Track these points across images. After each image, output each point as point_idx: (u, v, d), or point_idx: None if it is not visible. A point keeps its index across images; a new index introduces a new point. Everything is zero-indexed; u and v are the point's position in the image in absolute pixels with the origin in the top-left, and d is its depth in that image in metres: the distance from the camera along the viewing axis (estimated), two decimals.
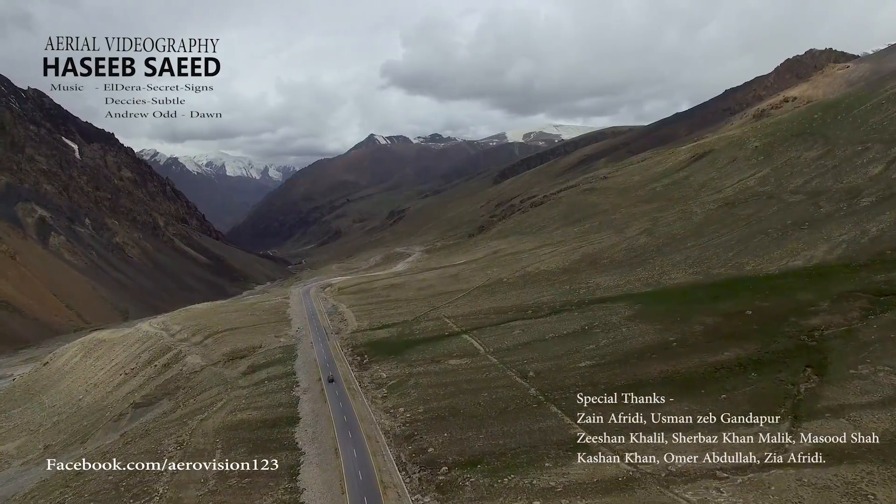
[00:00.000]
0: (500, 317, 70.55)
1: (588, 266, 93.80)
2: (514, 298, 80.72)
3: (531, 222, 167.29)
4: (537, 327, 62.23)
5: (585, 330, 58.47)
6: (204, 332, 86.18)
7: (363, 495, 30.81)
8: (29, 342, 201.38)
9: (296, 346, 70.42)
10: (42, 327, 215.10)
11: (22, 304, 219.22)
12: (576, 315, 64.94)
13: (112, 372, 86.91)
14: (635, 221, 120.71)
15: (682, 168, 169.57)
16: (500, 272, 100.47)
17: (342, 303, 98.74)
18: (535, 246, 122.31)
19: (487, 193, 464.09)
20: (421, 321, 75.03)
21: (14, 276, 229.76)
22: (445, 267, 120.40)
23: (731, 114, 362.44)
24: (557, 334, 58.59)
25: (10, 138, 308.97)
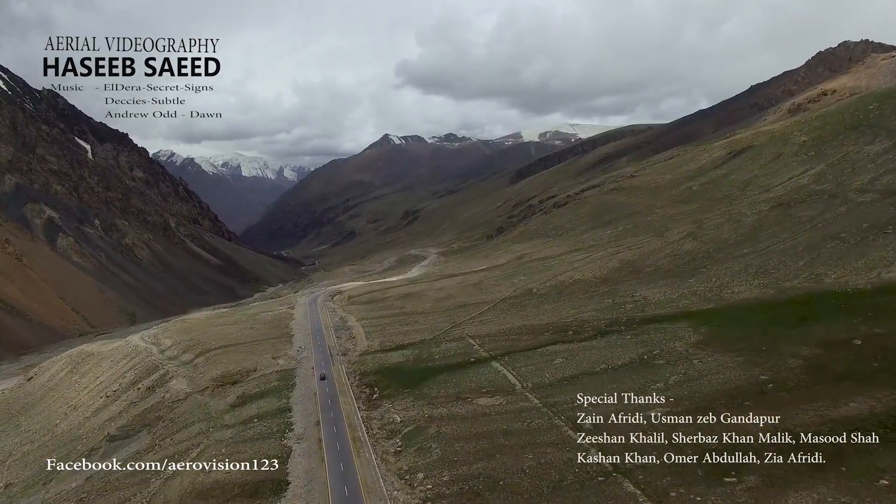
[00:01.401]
0: (534, 339, 59.74)
1: (629, 275, 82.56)
2: (549, 314, 69.82)
3: (556, 224, 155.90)
4: (583, 355, 51.33)
5: (645, 360, 47.49)
6: (196, 349, 76.63)
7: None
8: (32, 348, 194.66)
9: (295, 372, 60.31)
10: (46, 332, 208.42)
11: (27, 307, 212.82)
12: (628, 339, 53.91)
13: (95, 392, 77.76)
14: (675, 224, 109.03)
15: (718, 166, 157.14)
16: (527, 281, 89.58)
17: (351, 315, 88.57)
18: (565, 251, 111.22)
19: (504, 193, 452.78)
20: (441, 341, 64.47)
21: (20, 279, 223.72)
22: (465, 274, 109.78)
23: (759, 109, 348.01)
24: (610, 365, 47.65)
25: (21, 138, 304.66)
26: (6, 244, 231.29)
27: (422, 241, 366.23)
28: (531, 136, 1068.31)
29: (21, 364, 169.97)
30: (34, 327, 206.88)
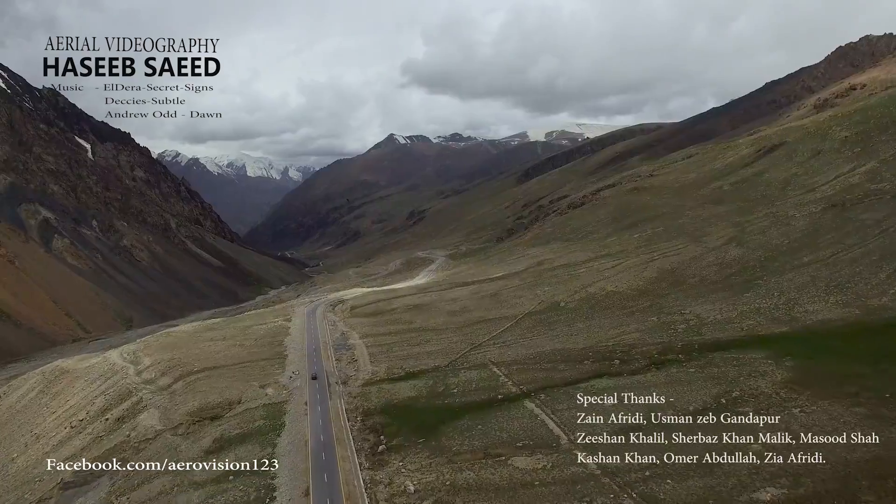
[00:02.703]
0: (572, 368, 49.55)
1: (672, 286, 72.24)
2: (584, 335, 59.62)
3: (574, 226, 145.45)
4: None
5: (724, 405, 37.26)
6: (176, 371, 66.89)
7: None
8: (21, 355, 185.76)
9: (285, 407, 50.34)
10: (37, 338, 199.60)
11: (17, 312, 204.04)
12: (692, 372, 43.65)
13: (61, 420, 68.12)
14: (712, 227, 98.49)
15: (748, 164, 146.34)
16: (553, 293, 79.39)
17: (354, 330, 78.58)
18: (590, 257, 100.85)
19: (512, 193, 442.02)
20: (459, 369, 54.37)
21: (11, 282, 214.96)
22: (480, 282, 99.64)
23: (777, 106, 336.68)
24: (680, 412, 37.37)
25: (18, 137, 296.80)
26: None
27: (428, 242, 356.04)
28: (537, 136, 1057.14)
29: (7, 373, 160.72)
30: (24, 333, 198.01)
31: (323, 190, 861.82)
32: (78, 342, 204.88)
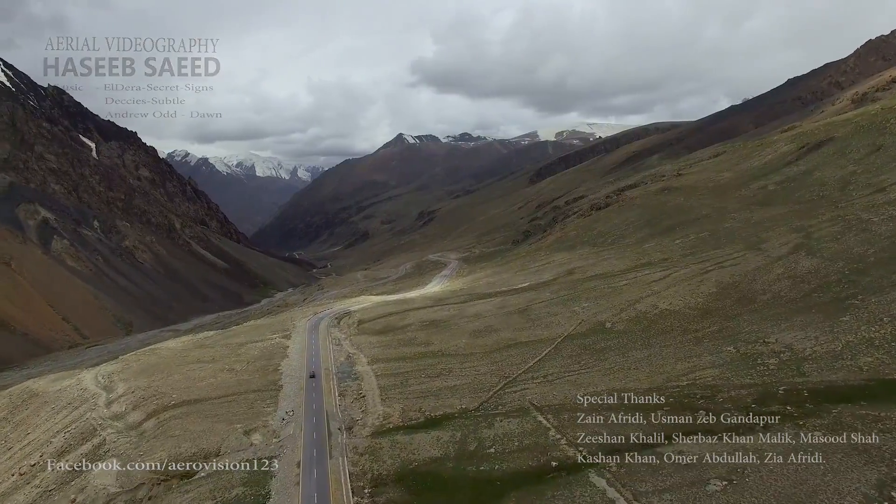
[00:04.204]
0: (643, 420, 38.08)
1: (739, 305, 60.51)
2: (646, 369, 48.15)
3: (601, 230, 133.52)
4: (757, 475, 29.48)
5: None
6: (150, 404, 56.13)
7: None
8: (14, 363, 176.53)
9: (272, 467, 39.26)
10: (32, 344, 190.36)
11: (12, 317, 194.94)
12: (822, 439, 31.93)
13: (14, 460, 57.55)
14: (769, 232, 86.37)
15: (791, 162, 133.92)
16: (594, 310, 67.90)
17: (362, 352, 67.46)
18: (629, 266, 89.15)
19: (524, 194, 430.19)
20: (493, 415, 43.04)
21: (6, 286, 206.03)
22: (504, 294, 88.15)
23: (804, 103, 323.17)
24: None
25: (20, 136, 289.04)
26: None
27: (439, 243, 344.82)
28: (548, 136, 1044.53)
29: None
30: (17, 339, 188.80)
31: (331, 190, 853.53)
32: (74, 349, 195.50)
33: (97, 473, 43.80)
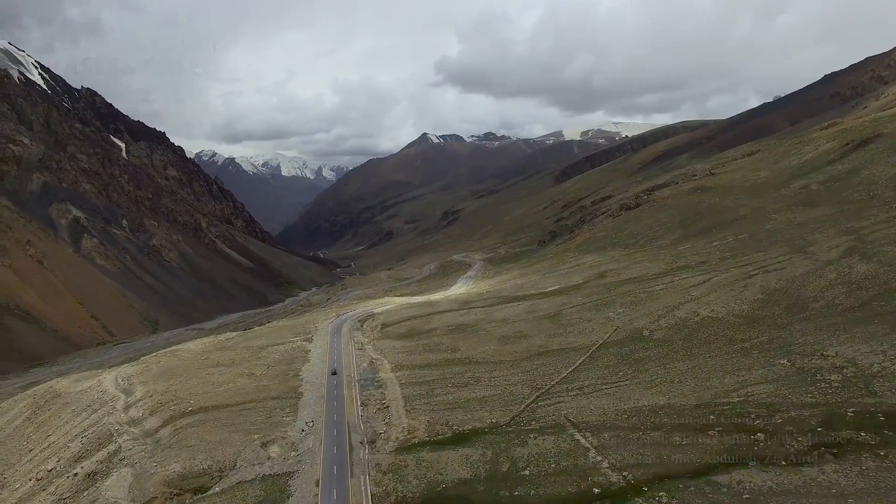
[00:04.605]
0: (693, 443, 34.47)
1: (789, 313, 56.14)
2: (691, 383, 44.38)
3: (632, 230, 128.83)
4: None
5: None
6: (167, 410, 54.48)
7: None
8: (44, 359, 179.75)
9: (289, 485, 36.85)
10: (61, 341, 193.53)
11: (43, 314, 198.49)
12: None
13: (33, 463, 56.66)
14: (816, 234, 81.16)
15: (834, 160, 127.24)
16: (629, 316, 64.14)
17: (385, 358, 64.91)
18: (664, 269, 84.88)
19: (550, 193, 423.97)
20: (526, 431, 39.86)
21: (39, 284, 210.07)
22: (533, 297, 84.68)
23: (843, 99, 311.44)
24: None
25: (54, 136, 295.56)
26: (28, 246, 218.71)
27: (463, 244, 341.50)
28: (573, 135, 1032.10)
29: (28, 378, 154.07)
30: (48, 336, 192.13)
31: (356, 189, 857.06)
32: (102, 346, 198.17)
33: (110, 485, 41.98)
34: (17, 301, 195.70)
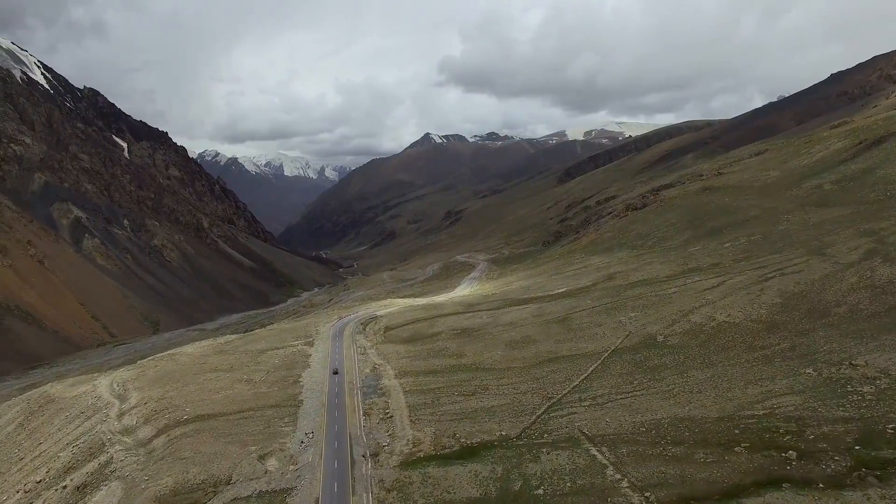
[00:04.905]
0: (719, 460, 32.17)
1: (811, 318, 53.73)
2: (712, 393, 42.02)
3: (640, 231, 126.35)
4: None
5: None
6: (162, 418, 52.36)
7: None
8: (44, 360, 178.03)
9: (287, 500, 34.56)
10: (62, 342, 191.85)
11: (44, 314, 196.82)
12: None
13: (22, 474, 54.54)
14: (832, 236, 78.66)
15: (846, 159, 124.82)
16: (642, 320, 61.79)
17: (388, 363, 62.68)
18: (675, 271, 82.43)
19: (553, 194, 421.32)
20: (538, 445, 37.56)
21: (39, 284, 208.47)
22: (540, 300, 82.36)
23: (851, 98, 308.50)
24: None
25: (56, 136, 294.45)
26: (28, 246, 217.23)
27: (466, 244, 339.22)
28: (576, 135, 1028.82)
29: (27, 380, 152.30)
30: (49, 337, 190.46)
31: (358, 189, 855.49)
32: (103, 347, 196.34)
33: (98, 500, 39.85)
34: (17, 301, 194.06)
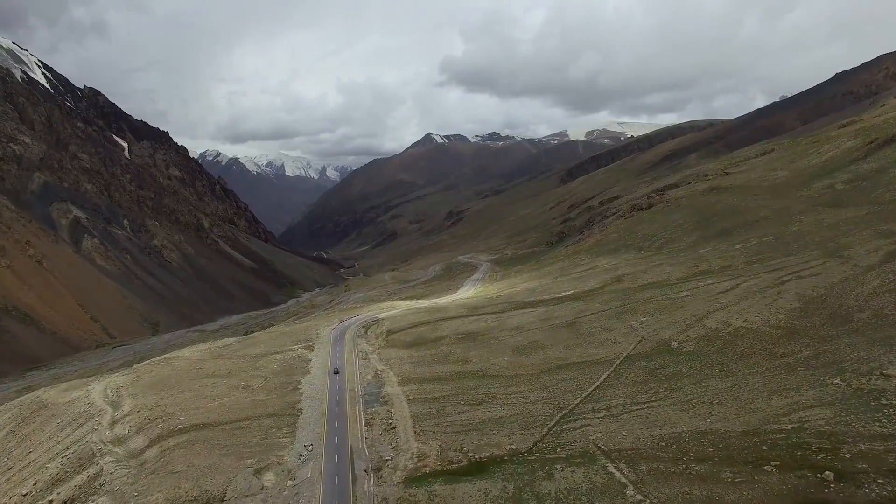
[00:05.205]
0: (747, 480, 29.96)
1: (833, 324, 51.44)
2: (734, 405, 39.74)
3: (646, 232, 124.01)
4: None
5: None
6: (155, 427, 50.23)
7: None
8: (42, 362, 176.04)
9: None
10: (60, 344, 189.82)
11: (42, 316, 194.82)
12: None
13: (10, 484, 52.54)
14: (849, 237, 76.32)
15: (858, 159, 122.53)
16: (654, 325, 59.52)
17: (391, 369, 60.45)
18: (686, 273, 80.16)
19: (555, 194, 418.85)
20: (551, 461, 35.33)
21: (38, 284, 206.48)
22: (547, 303, 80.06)
23: (856, 98, 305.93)
24: None
25: (55, 136, 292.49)
26: (27, 246, 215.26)
27: (468, 244, 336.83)
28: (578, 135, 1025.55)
29: (24, 382, 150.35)
30: (47, 338, 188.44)
31: (360, 189, 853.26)
32: (102, 348, 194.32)
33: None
34: (15, 302, 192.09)
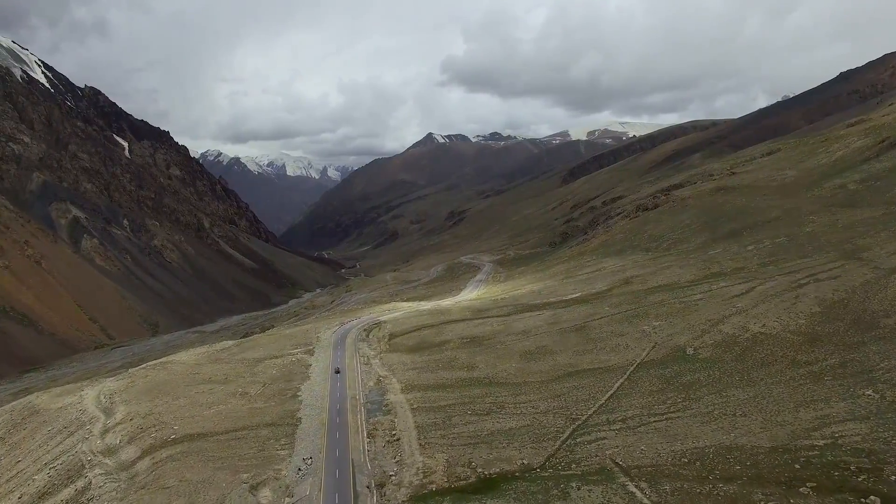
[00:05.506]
0: (777, 500, 27.58)
1: (857, 329, 49.12)
2: (759, 418, 37.46)
3: (654, 233, 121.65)
4: None
5: None
6: (147, 437, 48.08)
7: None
8: (40, 363, 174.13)
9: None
10: (58, 344, 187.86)
11: (40, 316, 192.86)
12: None
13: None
14: (867, 238, 73.96)
15: (871, 157, 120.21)
16: (668, 330, 57.24)
17: (394, 375, 58.22)
18: (698, 276, 77.84)
19: (558, 194, 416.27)
20: (565, 477, 33.09)
21: (36, 285, 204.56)
22: (554, 306, 77.74)
23: (863, 97, 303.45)
24: None
25: (55, 135, 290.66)
26: (26, 246, 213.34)
27: (470, 244, 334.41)
28: (579, 135, 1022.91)
29: (21, 384, 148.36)
30: (45, 339, 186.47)
31: (361, 189, 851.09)
32: (100, 349, 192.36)
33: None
34: (13, 303, 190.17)
